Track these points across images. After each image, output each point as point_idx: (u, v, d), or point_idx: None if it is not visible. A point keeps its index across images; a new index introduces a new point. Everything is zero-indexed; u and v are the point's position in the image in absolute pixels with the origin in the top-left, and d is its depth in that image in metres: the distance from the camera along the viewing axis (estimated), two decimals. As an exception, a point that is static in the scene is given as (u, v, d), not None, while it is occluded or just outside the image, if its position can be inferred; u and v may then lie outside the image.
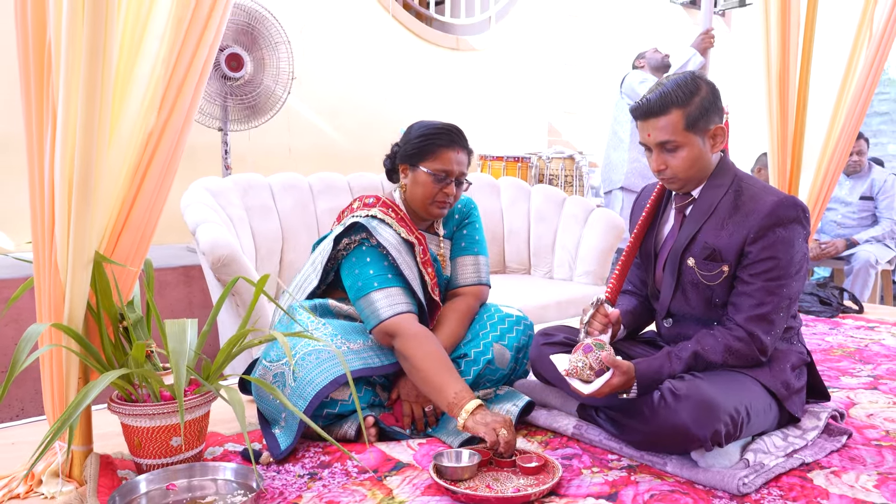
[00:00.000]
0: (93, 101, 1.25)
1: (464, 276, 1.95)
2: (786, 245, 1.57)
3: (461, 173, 1.85)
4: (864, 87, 3.28)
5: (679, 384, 1.49)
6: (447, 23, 5.08)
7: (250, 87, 3.32)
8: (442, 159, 1.81)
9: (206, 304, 3.06)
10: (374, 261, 1.77)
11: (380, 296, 1.73)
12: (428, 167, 1.82)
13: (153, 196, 1.50)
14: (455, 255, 1.97)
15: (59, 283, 1.35)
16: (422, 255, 1.84)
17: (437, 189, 1.82)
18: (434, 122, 1.88)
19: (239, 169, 3.79)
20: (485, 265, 1.98)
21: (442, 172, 1.81)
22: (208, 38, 1.53)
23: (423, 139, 1.83)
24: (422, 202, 1.85)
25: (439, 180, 1.82)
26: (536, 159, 4.76)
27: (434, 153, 1.82)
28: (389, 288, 1.74)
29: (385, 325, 1.70)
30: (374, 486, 1.46)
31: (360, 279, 1.76)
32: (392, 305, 1.72)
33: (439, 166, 1.81)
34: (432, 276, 1.86)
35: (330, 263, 1.87)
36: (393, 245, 1.78)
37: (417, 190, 1.84)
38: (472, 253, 1.97)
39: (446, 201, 1.84)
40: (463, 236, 1.98)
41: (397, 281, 1.76)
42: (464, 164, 1.85)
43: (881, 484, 1.45)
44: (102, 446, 1.55)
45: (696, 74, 1.63)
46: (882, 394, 2.05)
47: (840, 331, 2.91)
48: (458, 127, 1.88)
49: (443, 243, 1.96)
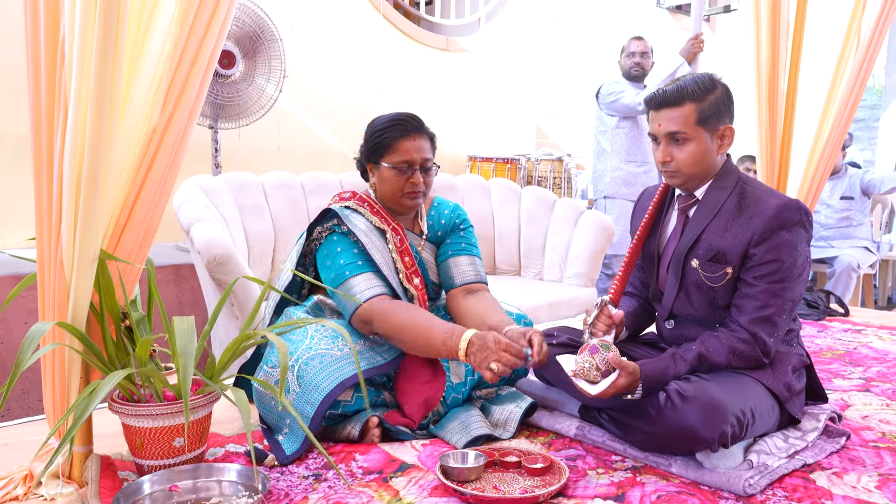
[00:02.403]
0: (103, 96, 1.23)
1: (464, 273, 1.92)
2: (789, 248, 1.59)
3: (424, 160, 1.82)
4: (851, 93, 3.32)
5: (686, 385, 1.50)
6: (437, 23, 5.08)
7: (242, 84, 3.29)
8: (400, 150, 1.80)
9: (197, 302, 3.02)
10: (345, 249, 1.78)
11: (354, 282, 1.74)
12: (388, 161, 1.80)
13: (157, 193, 1.47)
14: (451, 255, 1.94)
15: (63, 282, 1.32)
16: (398, 244, 1.84)
17: (403, 181, 1.81)
18: (388, 114, 1.86)
19: (228, 168, 3.75)
20: (480, 266, 1.97)
21: (403, 164, 1.80)
22: (212, 35, 1.51)
23: (378, 135, 1.82)
24: (392, 196, 1.84)
25: (402, 172, 1.80)
26: (525, 161, 4.77)
27: (391, 146, 1.80)
28: (362, 273, 1.75)
29: (360, 311, 1.71)
30: (381, 488, 1.45)
31: (333, 269, 1.77)
32: (366, 290, 1.73)
33: (399, 158, 1.80)
34: (409, 264, 1.85)
35: (306, 258, 1.88)
36: (362, 231, 1.79)
37: (385, 186, 1.83)
38: (469, 253, 1.95)
39: (415, 191, 1.82)
40: (459, 237, 1.96)
41: (368, 266, 1.77)
42: (425, 149, 1.83)
43: (882, 485, 1.47)
44: (99, 447, 1.52)
45: (713, 75, 1.65)
46: (875, 396, 2.08)
47: (828, 333, 2.95)
48: (412, 114, 1.85)
49: (424, 244, 1.93)
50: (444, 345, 1.59)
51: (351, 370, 1.63)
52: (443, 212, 1.98)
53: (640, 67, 4.17)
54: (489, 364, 1.50)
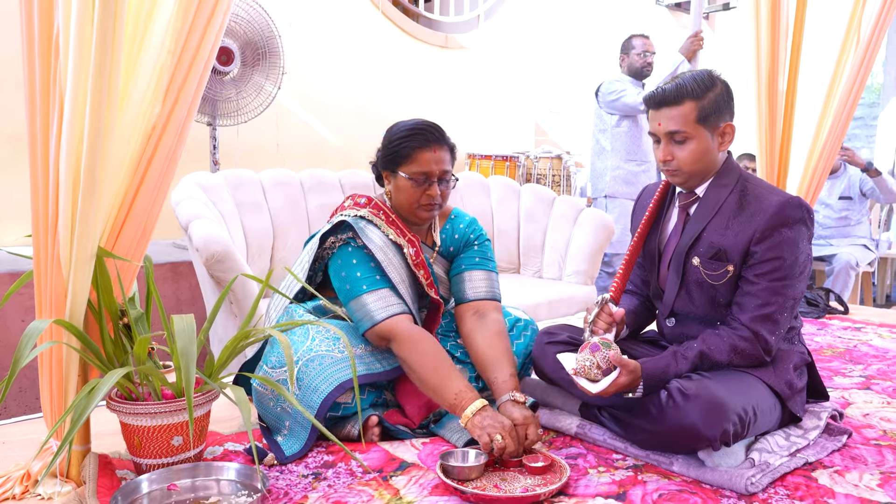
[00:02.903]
0: (101, 90, 1.22)
1: (476, 289, 1.86)
2: (791, 245, 1.58)
3: (443, 172, 1.77)
4: (850, 91, 3.31)
5: (688, 384, 1.49)
6: (436, 20, 5.06)
7: (240, 81, 3.27)
8: (419, 161, 1.75)
9: (195, 300, 3.01)
10: (361, 262, 1.73)
11: (371, 298, 1.70)
12: (406, 172, 1.75)
13: (155, 189, 1.46)
14: (464, 269, 1.88)
15: (60, 279, 1.31)
16: (414, 257, 1.79)
17: (419, 192, 1.76)
18: (409, 122, 1.80)
19: (226, 165, 3.74)
20: (496, 282, 1.91)
21: (421, 175, 1.75)
22: (213, 29, 1.50)
23: (397, 143, 1.76)
24: (407, 207, 1.80)
25: (420, 184, 1.76)
26: (524, 158, 4.76)
27: (410, 156, 1.75)
28: (380, 290, 1.71)
29: (379, 327, 1.68)
30: (381, 487, 1.44)
31: (348, 281, 1.73)
32: (385, 308, 1.69)
33: (417, 169, 1.75)
34: (426, 275, 1.82)
35: (317, 263, 1.84)
36: (379, 246, 1.75)
37: (401, 195, 1.79)
38: (484, 268, 1.89)
39: (432, 203, 1.78)
40: (474, 251, 1.91)
41: (385, 282, 1.73)
42: (444, 161, 1.78)
43: (885, 483, 1.46)
44: (96, 446, 1.51)
45: (712, 72, 1.64)
46: (875, 394, 2.08)
47: (828, 331, 2.95)
48: (434, 124, 1.80)
49: (436, 258, 1.89)
50: (450, 405, 1.55)
51: (350, 373, 1.62)
52: (458, 226, 1.93)
53: (651, 67, 4.16)
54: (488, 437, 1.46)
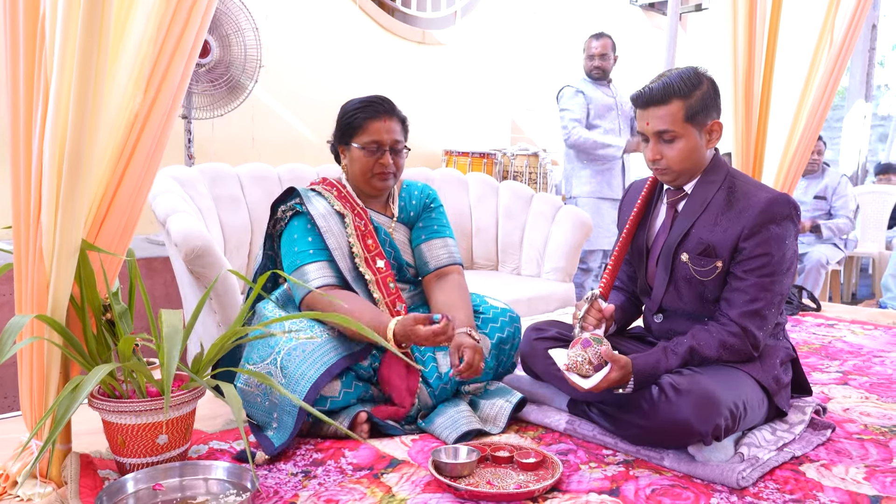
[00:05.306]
0: (87, 75, 1.18)
1: (438, 258, 1.94)
2: (779, 242, 1.59)
3: (394, 141, 1.84)
4: (823, 94, 3.37)
5: (680, 379, 1.50)
6: (413, 16, 5.03)
7: (216, 73, 3.21)
8: (370, 131, 1.82)
9: (170, 297, 2.94)
10: (301, 235, 1.81)
11: (307, 269, 1.77)
12: (358, 142, 1.82)
13: (139, 181, 1.43)
14: (424, 239, 1.96)
15: (42, 273, 1.26)
16: (362, 228, 1.85)
17: (372, 161, 1.82)
18: (360, 97, 1.88)
19: (201, 159, 3.66)
20: (454, 246, 1.99)
21: (373, 144, 1.82)
22: (196, 19, 1.46)
23: (350, 116, 1.84)
24: (362, 177, 1.85)
25: (372, 152, 1.82)
26: (501, 156, 4.75)
27: (361, 127, 1.82)
28: (315, 262, 1.78)
29: (306, 300, 1.76)
30: (373, 484, 1.42)
31: (290, 256, 1.80)
32: (315, 280, 1.76)
33: (368, 139, 1.82)
34: (371, 247, 1.85)
35: (274, 241, 1.90)
36: (321, 213, 1.81)
37: (355, 166, 1.85)
38: (441, 235, 1.97)
39: (385, 171, 1.84)
40: (431, 219, 1.99)
41: (322, 254, 1.79)
42: (395, 131, 1.85)
43: (870, 476, 1.48)
44: (76, 445, 1.46)
45: (698, 69, 1.64)
46: (853, 389, 2.11)
47: (802, 328, 3.00)
48: (383, 96, 1.88)
49: (394, 225, 1.94)
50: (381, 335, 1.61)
51: (335, 355, 1.64)
52: (413, 192, 2.00)
53: (601, 70, 4.11)
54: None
